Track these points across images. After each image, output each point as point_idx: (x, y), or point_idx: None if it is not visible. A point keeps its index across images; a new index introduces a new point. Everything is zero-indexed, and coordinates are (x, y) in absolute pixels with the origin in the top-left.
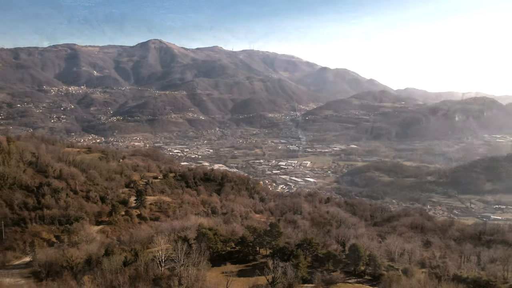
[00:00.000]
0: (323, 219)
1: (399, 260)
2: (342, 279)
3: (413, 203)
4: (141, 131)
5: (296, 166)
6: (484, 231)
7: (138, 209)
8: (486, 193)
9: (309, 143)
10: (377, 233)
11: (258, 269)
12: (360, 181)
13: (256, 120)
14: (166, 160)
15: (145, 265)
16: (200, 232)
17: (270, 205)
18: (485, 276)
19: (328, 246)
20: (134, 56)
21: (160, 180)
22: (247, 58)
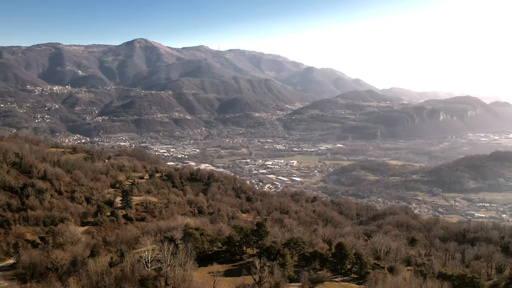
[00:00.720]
0: (310, 218)
1: (385, 258)
2: (329, 278)
3: (399, 202)
4: (127, 131)
5: (282, 165)
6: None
7: (124, 210)
8: (470, 191)
9: (295, 142)
10: (363, 231)
11: (245, 269)
12: (346, 180)
13: (242, 120)
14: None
15: (131, 266)
16: (186, 232)
17: (256, 204)
18: (470, 273)
19: (315, 245)
20: (120, 55)
21: (146, 180)
22: (233, 58)
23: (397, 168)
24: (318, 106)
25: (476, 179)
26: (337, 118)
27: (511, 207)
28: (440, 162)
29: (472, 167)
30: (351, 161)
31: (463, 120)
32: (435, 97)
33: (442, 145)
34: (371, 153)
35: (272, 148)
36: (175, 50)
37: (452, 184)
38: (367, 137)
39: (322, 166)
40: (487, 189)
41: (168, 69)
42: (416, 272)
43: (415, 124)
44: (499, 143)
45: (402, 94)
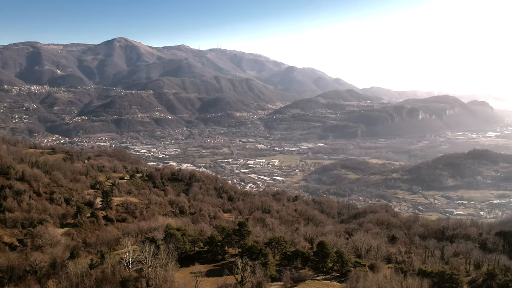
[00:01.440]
0: (292, 217)
1: (366, 256)
2: (310, 276)
3: (379, 200)
4: (107, 131)
5: (264, 165)
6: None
7: (104, 211)
8: (449, 189)
9: (277, 142)
10: (344, 230)
11: (227, 269)
12: (327, 179)
13: (224, 119)
14: (133, 160)
15: (112, 267)
16: (168, 232)
17: (238, 204)
18: (449, 270)
19: (297, 244)
20: (99, 54)
21: (126, 181)
22: (214, 57)
23: (377, 167)
24: (299, 105)
25: (454, 177)
26: (318, 117)
27: (488, 204)
28: (419, 161)
29: (451, 165)
30: (332, 160)
31: (441, 119)
32: (415, 96)
33: (422, 143)
34: (351, 152)
35: (253, 147)
36: (156, 50)
37: (431, 182)
38: (348, 136)
39: (304, 165)
40: (465, 186)
41: (148, 68)
42: (396, 269)
43: (395, 123)
44: (476, 141)
45: (382, 93)
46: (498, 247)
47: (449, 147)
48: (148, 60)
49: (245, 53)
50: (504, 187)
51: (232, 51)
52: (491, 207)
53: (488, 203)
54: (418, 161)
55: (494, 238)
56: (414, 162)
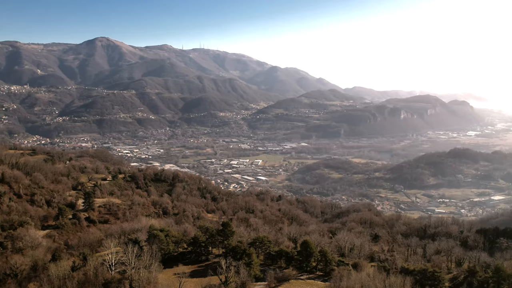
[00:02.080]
0: (275, 217)
1: (349, 255)
2: (294, 276)
3: (362, 199)
4: (89, 132)
5: (247, 164)
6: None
7: (86, 212)
8: (430, 187)
9: (260, 141)
10: (327, 229)
11: (211, 269)
12: (311, 178)
13: (207, 119)
14: (115, 161)
15: (94, 269)
16: (151, 233)
17: (222, 204)
18: (431, 267)
19: (280, 244)
20: (80, 54)
21: (109, 182)
22: (197, 57)
23: (360, 166)
24: (282, 105)
25: (436, 176)
26: (301, 117)
27: (469, 202)
28: (401, 160)
29: (432, 164)
30: (315, 160)
31: (423, 118)
32: (396, 96)
33: (403, 143)
34: (334, 152)
35: (237, 147)
36: (138, 49)
37: (413, 181)
38: (331, 136)
39: (287, 165)
40: (447, 185)
41: (130, 68)
42: (379, 268)
43: (377, 123)
44: (457, 140)
45: (365, 93)
46: (479, 245)
47: (431, 146)
48: (131, 60)
49: (228, 53)
50: (484, 185)
51: (215, 51)
52: (471, 205)
53: (468, 201)
54: (400, 160)
55: (475, 236)
56: (396, 161)
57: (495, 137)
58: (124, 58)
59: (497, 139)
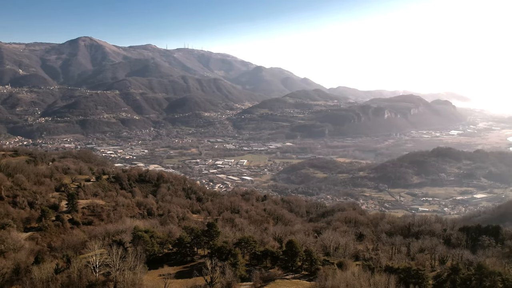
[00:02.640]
0: (261, 217)
1: (334, 254)
2: (280, 276)
3: (347, 198)
4: (72, 132)
5: (233, 165)
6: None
7: (69, 214)
8: (414, 186)
9: (245, 141)
10: (313, 228)
11: (196, 270)
12: (296, 178)
13: (192, 120)
14: (99, 161)
15: (78, 271)
16: (135, 235)
17: (207, 204)
18: (415, 265)
19: (266, 244)
20: (63, 54)
21: (93, 183)
22: (181, 57)
23: (344, 166)
24: (267, 105)
25: (419, 175)
26: (286, 117)
27: (452, 200)
28: (385, 159)
29: (416, 163)
30: (300, 159)
31: (406, 118)
32: (380, 95)
33: (387, 142)
34: (319, 151)
35: (222, 147)
36: (122, 49)
37: (397, 179)
38: (316, 136)
39: (272, 164)
40: (430, 184)
41: (114, 68)
42: (364, 266)
43: (362, 122)
44: (440, 139)
45: (349, 93)
46: (462, 242)
47: (414, 145)
48: (114, 60)
49: (212, 52)
50: (467, 184)
51: (200, 51)
52: (454, 203)
53: (451, 200)
54: (384, 160)
55: (458, 234)
56: (380, 160)
57: (477, 136)
58: (108, 58)
59: (479, 138)
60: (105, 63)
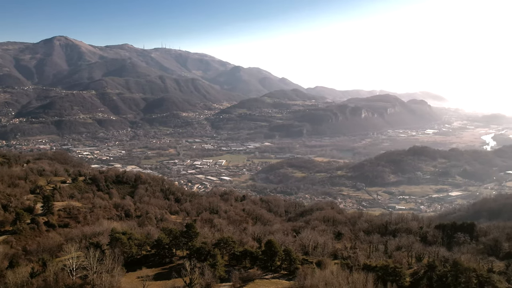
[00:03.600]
0: (240, 217)
1: (313, 253)
2: (259, 276)
3: (325, 197)
4: (47, 133)
5: (211, 165)
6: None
7: (45, 216)
8: (391, 185)
9: (224, 141)
10: (291, 228)
11: (175, 271)
12: (274, 177)
13: (169, 120)
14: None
15: (54, 275)
16: (113, 237)
17: (186, 205)
18: (392, 263)
19: (245, 244)
20: (38, 53)
21: (69, 185)
22: (159, 57)
23: (322, 165)
24: (245, 105)
25: (396, 173)
26: (264, 117)
27: (428, 198)
28: (363, 158)
29: (392, 162)
30: (278, 159)
31: (383, 117)
32: (357, 95)
33: (365, 141)
34: (297, 151)
35: (200, 147)
36: (98, 49)
37: (374, 178)
38: (294, 135)
39: (251, 164)
40: (406, 182)
41: (90, 68)
42: (342, 265)
43: (339, 122)
44: (416, 138)
45: (327, 93)
46: (438, 240)
47: (391, 144)
48: (90, 60)
49: (190, 52)
50: (442, 182)
51: (177, 51)
52: (430, 201)
53: (427, 198)
54: (361, 159)
55: (434, 231)
56: (358, 159)
57: (452, 135)
58: (84, 57)
59: (453, 137)
60: (81, 63)
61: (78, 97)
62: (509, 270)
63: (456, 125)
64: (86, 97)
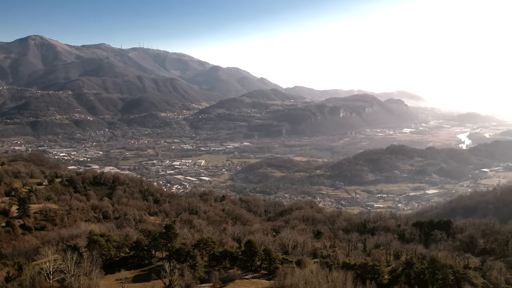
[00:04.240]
0: (219, 217)
1: (293, 253)
2: (239, 276)
3: (304, 196)
4: (22, 134)
5: (190, 165)
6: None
7: (21, 219)
8: (369, 183)
9: (203, 142)
10: (271, 227)
11: (154, 273)
12: (254, 177)
13: (148, 120)
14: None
15: (31, 279)
16: (91, 239)
17: (165, 206)
18: (371, 261)
19: (225, 244)
20: (12, 53)
21: (45, 187)
22: (137, 56)
23: (302, 164)
24: (224, 105)
25: (374, 172)
26: (243, 116)
27: (405, 197)
28: (341, 157)
29: (371, 160)
30: (258, 159)
31: (361, 116)
32: (336, 95)
33: (343, 140)
34: (277, 150)
35: (179, 148)
36: (74, 48)
37: (352, 177)
38: (273, 135)
39: (230, 164)
40: (384, 181)
41: (66, 68)
42: (322, 264)
43: (318, 121)
44: (394, 137)
45: (305, 92)
46: (415, 237)
47: (369, 143)
48: (66, 59)
49: (168, 52)
50: (419, 180)
51: (156, 50)
52: (408, 199)
53: (405, 196)
54: (340, 158)
55: (411, 229)
56: (336, 158)
57: (429, 133)
58: (60, 57)
59: (430, 135)
60: (57, 62)
61: (54, 97)
62: (485, 266)
63: (433, 124)
64: (63, 97)
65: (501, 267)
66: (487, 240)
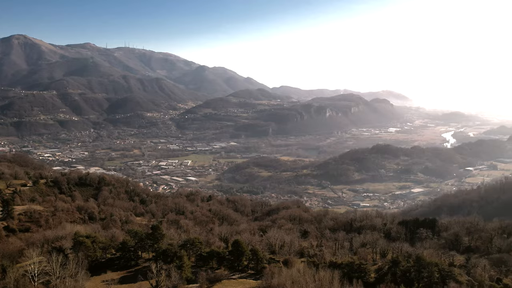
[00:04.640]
0: (206, 217)
1: (280, 252)
2: (226, 276)
3: (291, 196)
4: (6, 135)
5: (177, 165)
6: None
7: (5, 221)
8: (355, 182)
9: (189, 142)
10: (258, 227)
11: (141, 274)
12: (240, 177)
13: (134, 120)
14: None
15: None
16: (76, 240)
17: (151, 207)
18: (357, 260)
19: (212, 244)
20: None
21: (29, 188)
22: (122, 56)
23: (288, 164)
24: (211, 105)
25: (360, 171)
26: (230, 116)
27: (391, 195)
28: (328, 157)
29: (357, 160)
30: (244, 159)
31: (347, 116)
32: (322, 94)
33: (329, 140)
34: (263, 150)
35: (165, 148)
36: (59, 48)
37: (339, 176)
38: (259, 135)
39: (217, 164)
40: (370, 180)
41: (51, 67)
42: (309, 263)
43: (304, 121)
44: (379, 137)
45: (291, 92)
46: (401, 236)
47: (355, 142)
48: (51, 59)
49: (154, 52)
50: (405, 179)
51: (141, 50)
52: (393, 198)
53: (391, 195)
54: (326, 157)
55: (397, 227)
56: (323, 158)
57: (414, 133)
58: (44, 57)
59: (415, 135)
60: (41, 62)
61: (38, 97)
62: (469, 264)
63: (418, 123)
64: (47, 97)
65: (485, 264)
66: (471, 238)
